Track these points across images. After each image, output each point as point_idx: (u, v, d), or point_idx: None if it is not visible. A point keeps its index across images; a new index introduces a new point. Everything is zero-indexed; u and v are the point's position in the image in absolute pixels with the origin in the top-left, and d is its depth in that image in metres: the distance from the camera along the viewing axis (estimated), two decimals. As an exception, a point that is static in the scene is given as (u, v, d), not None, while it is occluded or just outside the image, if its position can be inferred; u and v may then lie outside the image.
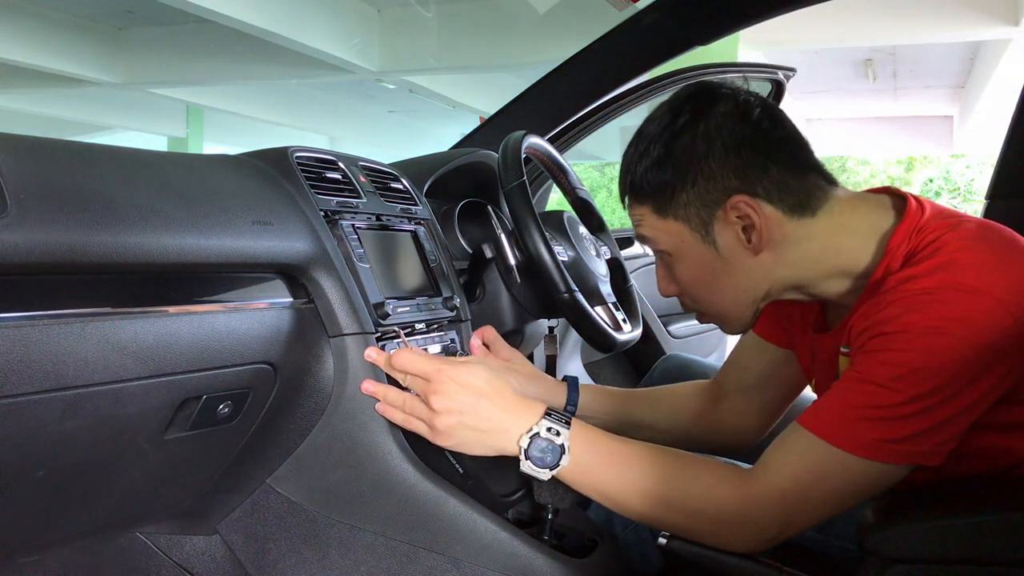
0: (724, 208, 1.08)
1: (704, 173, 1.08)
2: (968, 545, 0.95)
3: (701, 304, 1.18)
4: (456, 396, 1.05)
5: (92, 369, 0.86)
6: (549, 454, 1.04)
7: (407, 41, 10.07)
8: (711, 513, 1.02)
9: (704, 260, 1.12)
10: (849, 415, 0.99)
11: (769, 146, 1.08)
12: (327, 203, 1.21)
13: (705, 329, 2.70)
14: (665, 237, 1.13)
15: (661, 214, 1.12)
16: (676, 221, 1.11)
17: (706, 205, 1.09)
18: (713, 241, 1.10)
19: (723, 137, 1.07)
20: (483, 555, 1.11)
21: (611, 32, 1.94)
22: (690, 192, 1.09)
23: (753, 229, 1.08)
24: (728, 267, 1.11)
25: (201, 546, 1.21)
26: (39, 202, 0.82)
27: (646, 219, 1.14)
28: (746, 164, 1.07)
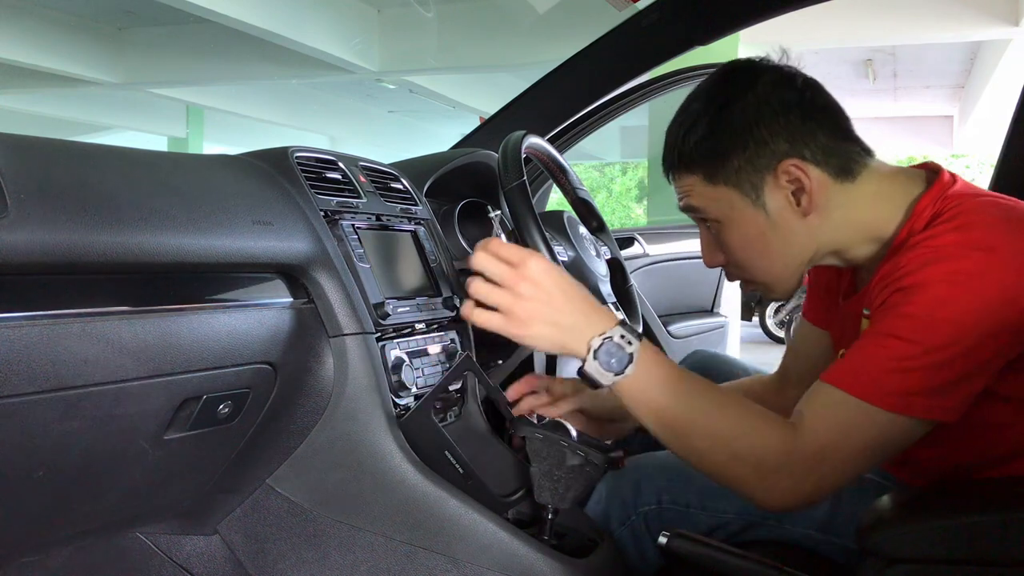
0: (775, 172, 1.10)
1: (755, 138, 1.10)
2: (968, 545, 0.95)
3: (749, 271, 1.18)
4: (543, 282, 1.05)
5: (92, 369, 0.86)
6: (615, 359, 1.04)
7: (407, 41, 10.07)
8: (754, 458, 1.02)
9: (755, 225, 1.13)
10: (874, 370, 1.01)
11: (814, 112, 1.11)
12: (327, 203, 1.21)
13: (705, 329, 2.70)
14: (715, 205, 1.14)
15: (712, 181, 1.13)
16: (727, 187, 1.12)
17: (757, 170, 1.11)
18: (764, 205, 1.12)
19: (772, 104, 1.10)
20: (483, 555, 1.11)
21: (611, 32, 1.94)
22: (741, 157, 1.11)
23: (803, 192, 1.11)
24: (778, 231, 1.13)
25: (201, 546, 1.21)
26: (39, 202, 0.82)
27: (695, 188, 1.15)
28: (795, 129, 1.10)
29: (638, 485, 1.24)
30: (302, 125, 15.41)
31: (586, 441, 1.12)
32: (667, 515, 1.22)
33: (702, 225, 1.20)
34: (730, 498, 1.22)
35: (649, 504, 1.23)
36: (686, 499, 1.22)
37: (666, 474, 1.24)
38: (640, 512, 1.23)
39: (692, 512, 1.22)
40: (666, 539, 1.07)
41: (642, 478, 1.24)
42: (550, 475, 1.11)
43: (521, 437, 1.16)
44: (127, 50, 11.21)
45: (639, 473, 1.25)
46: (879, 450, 1.02)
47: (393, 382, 1.20)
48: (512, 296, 1.06)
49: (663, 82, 2.32)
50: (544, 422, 1.15)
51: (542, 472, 1.11)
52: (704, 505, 1.22)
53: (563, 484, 1.11)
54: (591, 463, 1.10)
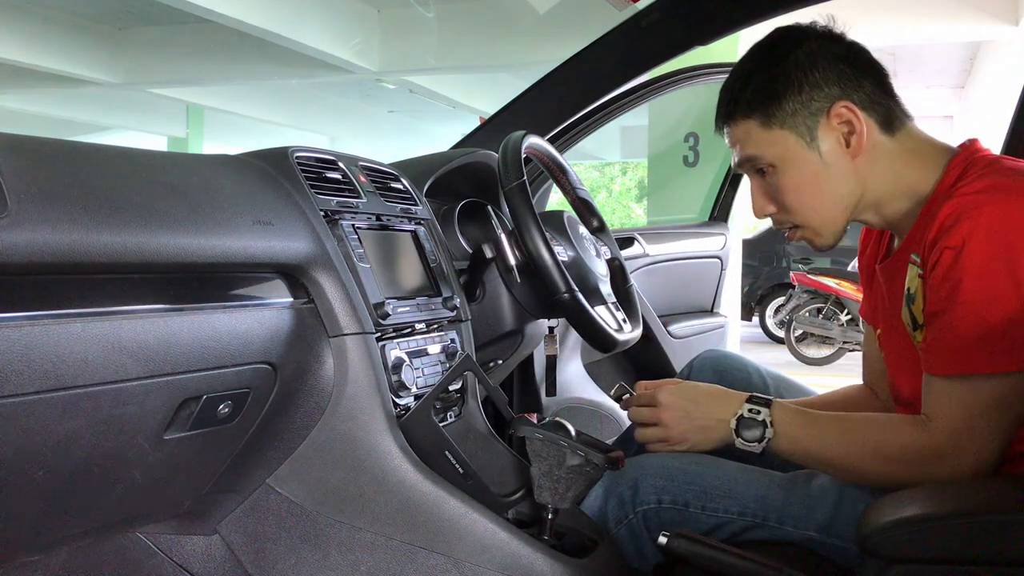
0: (828, 114, 1.19)
1: (809, 81, 1.19)
2: (968, 545, 0.95)
3: (800, 214, 1.24)
4: (675, 405, 1.27)
5: (92, 369, 0.86)
6: (754, 431, 1.21)
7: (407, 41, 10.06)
8: (899, 457, 1.13)
9: (808, 166, 1.21)
10: (963, 341, 1.07)
11: (861, 64, 1.21)
12: (327, 203, 1.21)
13: (705, 329, 2.70)
14: (771, 149, 1.21)
15: (767, 125, 1.21)
16: (782, 130, 1.20)
17: (812, 112, 1.19)
18: (817, 146, 1.20)
19: (823, 53, 1.20)
20: (483, 555, 1.11)
21: (611, 32, 1.94)
22: (796, 100, 1.19)
23: (853, 134, 1.19)
24: (829, 171, 1.20)
25: (201, 546, 1.21)
26: (39, 202, 0.82)
27: (752, 133, 1.22)
28: (845, 76, 1.19)
29: (636, 484, 1.24)
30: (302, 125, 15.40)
31: (586, 441, 1.12)
32: (666, 515, 1.22)
33: (754, 175, 1.26)
34: (730, 499, 1.22)
35: (648, 504, 1.23)
36: (685, 499, 1.23)
37: (665, 474, 1.24)
38: (639, 512, 1.23)
39: (691, 512, 1.22)
40: (666, 539, 1.07)
41: (641, 477, 1.24)
42: (550, 475, 1.11)
43: (521, 437, 1.16)
44: (127, 50, 11.20)
45: (638, 472, 1.25)
46: (1008, 414, 1.08)
47: (393, 382, 1.20)
48: (663, 428, 1.28)
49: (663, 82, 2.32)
50: (544, 422, 1.15)
51: (542, 472, 1.11)
52: (704, 506, 1.22)
53: (563, 484, 1.11)
54: (591, 463, 1.10)
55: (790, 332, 8.50)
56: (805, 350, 8.45)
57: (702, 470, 1.25)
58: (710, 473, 1.25)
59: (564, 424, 1.14)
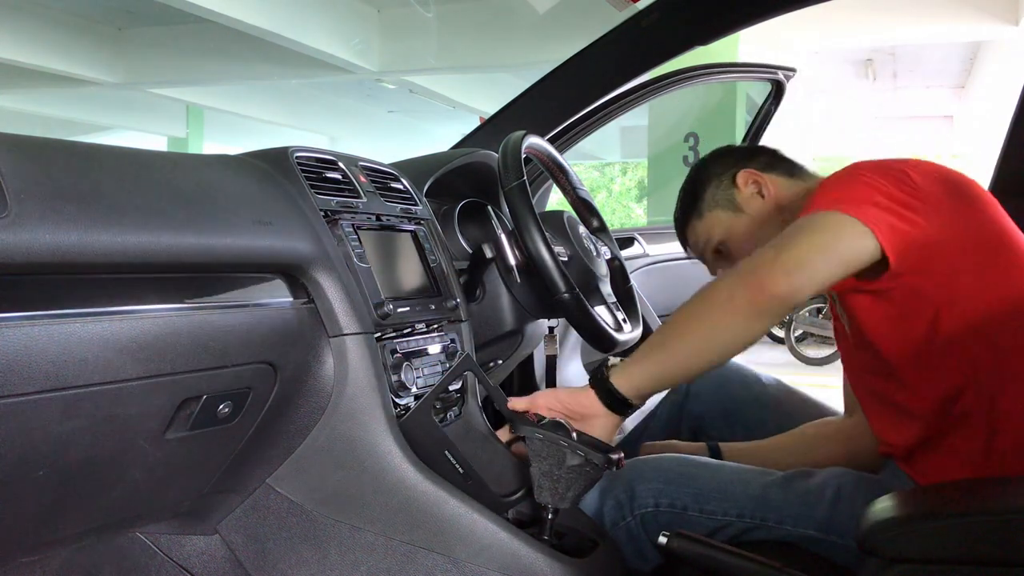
0: (735, 184, 1.48)
1: (714, 174, 1.52)
2: (968, 545, 0.95)
3: None
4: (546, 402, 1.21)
5: (92, 369, 0.86)
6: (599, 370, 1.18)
7: (407, 41, 10.06)
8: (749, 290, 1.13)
9: (744, 225, 1.47)
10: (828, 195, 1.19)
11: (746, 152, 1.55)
12: (327, 203, 1.21)
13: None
14: (715, 230, 1.50)
15: (700, 215, 1.52)
16: (713, 212, 1.50)
17: (724, 189, 1.49)
18: (743, 209, 1.47)
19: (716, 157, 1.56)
20: (483, 555, 1.11)
21: (611, 32, 1.94)
22: (710, 189, 1.51)
23: (763, 185, 1.46)
24: (759, 219, 1.45)
25: (201, 546, 1.21)
26: (39, 202, 0.82)
27: (696, 229, 1.53)
28: (736, 161, 1.51)
29: (632, 487, 1.24)
30: (302, 125, 15.40)
31: (586, 441, 1.12)
32: (663, 518, 1.22)
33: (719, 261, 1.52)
34: (728, 501, 1.22)
35: (646, 507, 1.23)
36: (683, 502, 1.23)
37: (663, 476, 1.25)
38: (636, 515, 1.23)
39: (690, 515, 1.22)
40: (666, 539, 1.07)
41: (637, 480, 1.25)
42: (550, 475, 1.11)
43: (521, 437, 1.16)
44: (127, 50, 11.20)
45: (634, 475, 1.25)
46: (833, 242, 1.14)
47: (393, 382, 1.20)
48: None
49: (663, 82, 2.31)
50: (544, 422, 1.15)
51: (542, 472, 1.12)
52: (702, 508, 1.23)
53: (563, 484, 1.11)
54: (591, 463, 1.10)
55: (790, 332, 8.50)
56: (805, 350, 8.45)
57: (699, 472, 1.25)
58: (707, 475, 1.25)
59: (564, 424, 1.14)
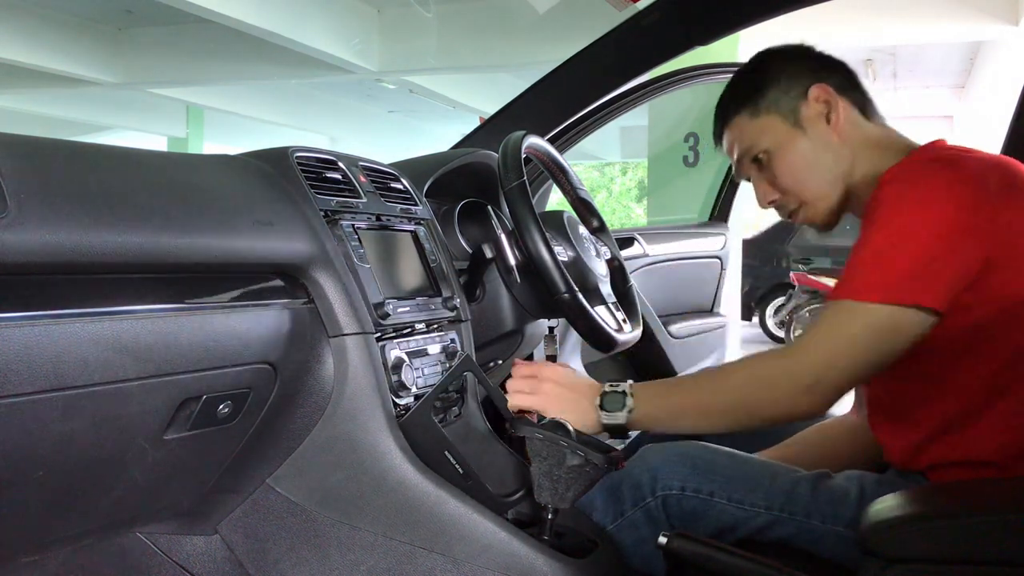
0: (807, 96, 1.31)
1: (786, 74, 1.33)
2: (968, 545, 0.95)
3: (797, 193, 1.32)
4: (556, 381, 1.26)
5: (92, 369, 0.86)
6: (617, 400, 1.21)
7: (407, 41, 10.06)
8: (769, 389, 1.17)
9: (798, 145, 1.31)
10: (854, 272, 1.15)
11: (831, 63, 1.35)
12: (327, 203, 1.21)
13: (705, 329, 2.70)
14: (762, 136, 1.33)
15: (755, 114, 1.33)
16: (769, 116, 1.33)
17: (792, 97, 1.32)
18: (803, 126, 1.31)
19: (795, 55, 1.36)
20: (483, 555, 1.11)
21: (611, 32, 1.94)
22: (777, 89, 1.33)
23: (832, 111, 1.30)
24: (816, 147, 1.31)
25: (201, 546, 1.21)
26: (39, 202, 0.82)
27: (743, 127, 1.34)
28: (816, 68, 1.34)
29: (655, 470, 1.23)
30: (302, 125, 15.39)
31: (586, 441, 1.12)
32: (688, 504, 1.21)
33: (754, 169, 1.35)
34: (757, 492, 1.21)
35: (670, 489, 1.21)
36: (710, 489, 1.21)
37: (689, 462, 1.23)
38: (659, 496, 1.21)
39: (716, 503, 1.21)
40: (666, 539, 1.07)
41: (661, 464, 1.23)
42: (550, 475, 1.11)
43: (521, 437, 1.16)
44: (127, 50, 11.20)
45: (658, 458, 1.23)
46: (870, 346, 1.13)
47: (393, 382, 1.20)
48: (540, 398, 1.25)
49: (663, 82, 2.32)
50: (544, 422, 1.15)
51: (542, 472, 1.12)
52: (729, 497, 1.21)
53: (563, 484, 1.11)
54: (591, 463, 1.10)
55: (790, 332, 8.50)
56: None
57: (727, 462, 1.24)
58: (736, 465, 1.24)
59: (564, 424, 1.14)
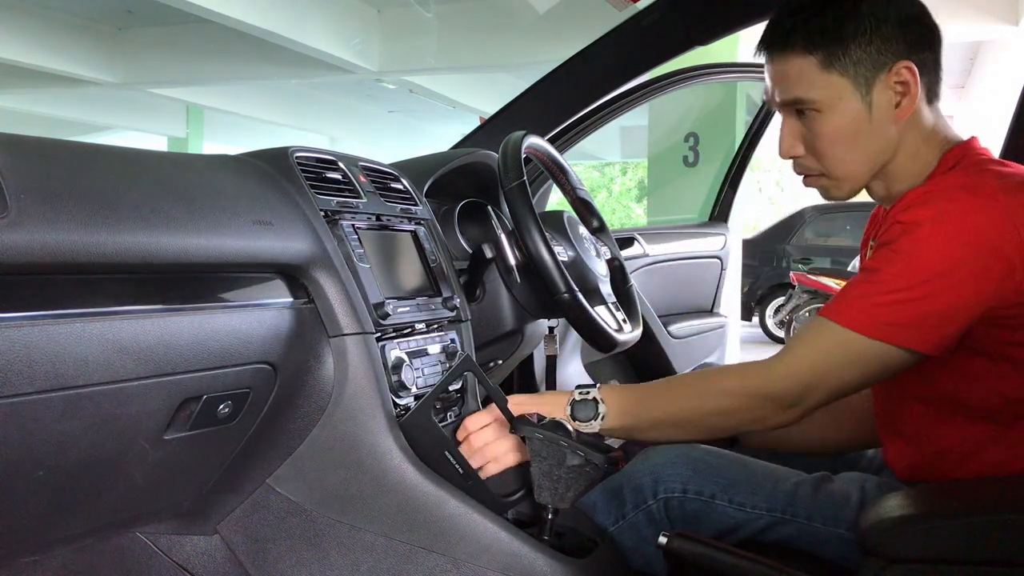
0: (889, 71, 1.16)
1: (881, 34, 1.15)
2: (968, 545, 0.95)
3: (828, 163, 1.21)
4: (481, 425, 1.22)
5: (92, 369, 0.86)
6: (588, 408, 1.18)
7: (407, 41, 10.06)
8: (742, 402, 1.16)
9: (855, 118, 1.17)
10: (858, 301, 1.11)
11: (928, 29, 1.19)
12: (327, 203, 1.21)
13: (705, 329, 2.70)
14: (823, 92, 1.17)
15: (827, 67, 1.16)
16: (841, 76, 1.16)
17: (875, 66, 1.15)
18: (870, 101, 1.17)
19: (896, 11, 1.16)
20: (483, 555, 1.11)
21: (611, 32, 1.94)
22: (864, 49, 1.15)
23: (907, 95, 1.16)
24: (872, 128, 1.18)
25: (201, 546, 1.21)
26: (39, 202, 0.82)
27: (806, 73, 1.17)
28: (914, 37, 1.17)
29: (657, 473, 1.22)
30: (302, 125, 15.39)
31: (586, 441, 1.12)
32: (690, 506, 1.21)
33: (790, 115, 1.21)
34: (758, 494, 1.21)
35: (672, 492, 1.21)
36: (711, 491, 1.21)
37: (690, 464, 1.22)
38: (660, 499, 1.21)
39: (717, 505, 1.20)
40: (666, 539, 1.07)
41: (663, 466, 1.22)
42: (550, 475, 1.11)
43: (521, 437, 1.16)
44: (127, 50, 11.20)
45: (660, 460, 1.23)
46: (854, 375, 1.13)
47: (393, 382, 1.20)
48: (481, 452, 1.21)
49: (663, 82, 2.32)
50: (544, 422, 1.15)
51: (542, 472, 1.11)
52: (731, 499, 1.21)
53: (563, 484, 1.11)
54: (591, 463, 1.10)
55: (790, 332, 8.49)
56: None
57: (728, 464, 1.24)
58: (737, 468, 1.24)
59: (564, 424, 1.14)
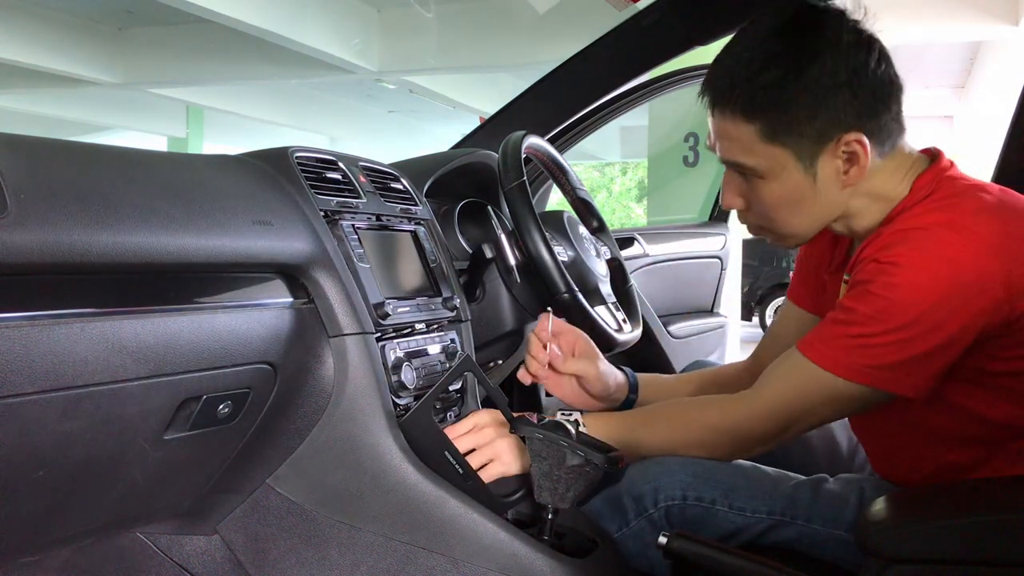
0: (836, 142, 1.10)
1: (828, 106, 1.08)
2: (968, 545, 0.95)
3: (770, 223, 1.20)
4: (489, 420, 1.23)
5: (92, 369, 0.86)
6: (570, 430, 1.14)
7: (407, 41, 10.06)
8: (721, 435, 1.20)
9: (798, 186, 1.14)
10: (838, 342, 1.10)
11: (883, 89, 1.11)
12: (327, 203, 1.21)
13: (705, 329, 2.70)
14: (764, 162, 1.13)
15: (768, 138, 1.11)
16: (783, 149, 1.11)
17: (820, 139, 1.10)
18: (814, 172, 1.12)
19: (851, 69, 1.08)
20: (483, 555, 1.11)
21: (611, 32, 1.94)
22: (808, 124, 1.09)
23: (855, 165, 1.11)
24: (818, 196, 1.14)
25: (201, 546, 1.21)
26: (39, 202, 0.82)
27: (745, 140, 1.12)
28: (865, 104, 1.10)
29: (656, 481, 1.22)
30: (302, 125, 15.40)
31: (586, 441, 1.12)
32: (691, 512, 1.21)
33: (733, 171, 1.18)
34: (757, 498, 1.21)
35: (672, 499, 1.21)
36: (712, 497, 1.21)
37: (690, 471, 1.23)
38: (661, 507, 1.21)
39: (718, 510, 1.21)
40: (666, 539, 1.07)
41: (663, 475, 1.23)
42: (550, 475, 1.11)
43: (521, 437, 1.16)
44: (127, 50, 11.20)
45: (660, 469, 1.24)
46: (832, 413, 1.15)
47: (393, 382, 1.20)
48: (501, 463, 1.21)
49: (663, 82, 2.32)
50: (544, 422, 1.15)
51: (542, 472, 1.11)
52: (731, 504, 1.21)
53: (563, 484, 1.11)
54: (591, 463, 1.10)
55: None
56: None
57: (726, 469, 1.24)
58: (735, 473, 1.24)
59: (564, 424, 1.14)
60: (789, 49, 1.09)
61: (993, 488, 1.11)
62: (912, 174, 1.16)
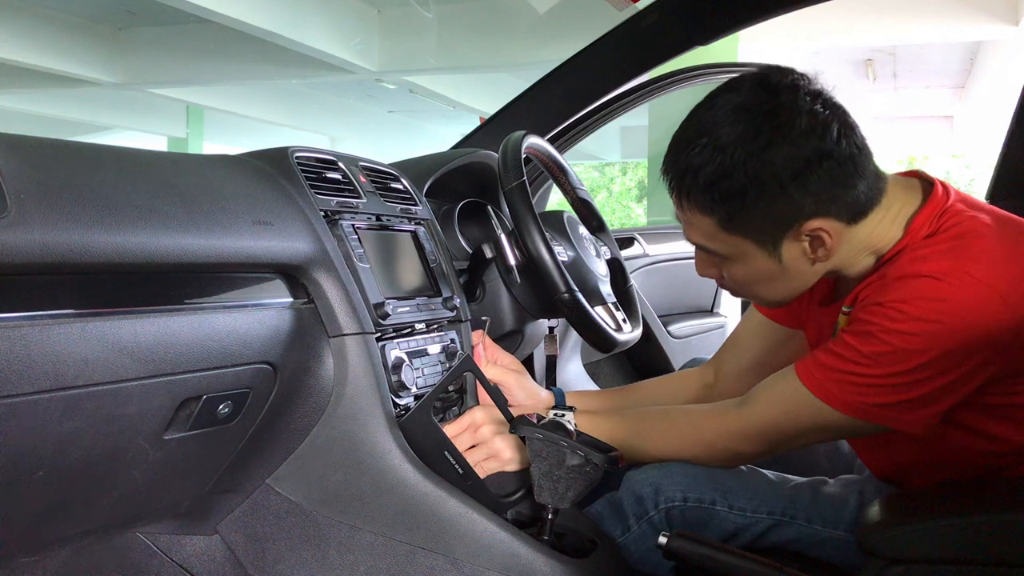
0: (797, 228, 1.08)
1: (785, 195, 1.05)
2: (968, 545, 0.95)
3: (744, 293, 1.23)
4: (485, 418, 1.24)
5: (92, 369, 0.86)
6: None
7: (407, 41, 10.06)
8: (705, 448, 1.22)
9: (764, 268, 1.13)
10: (835, 375, 1.10)
11: (846, 166, 1.06)
12: (327, 203, 1.21)
13: (705, 329, 2.70)
14: (726, 247, 1.12)
15: (727, 229, 1.09)
16: (743, 238, 1.10)
17: (779, 227, 1.08)
18: (779, 256, 1.11)
19: (806, 157, 1.04)
20: (483, 555, 1.11)
21: (611, 32, 1.94)
22: (766, 214, 1.06)
23: (820, 245, 1.09)
24: (786, 274, 1.14)
25: (201, 546, 1.21)
26: (39, 202, 0.82)
27: (707, 228, 1.11)
28: (824, 188, 1.05)
29: (657, 483, 1.23)
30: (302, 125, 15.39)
31: (586, 441, 1.12)
32: (691, 513, 1.21)
33: (700, 252, 1.19)
34: (757, 499, 1.22)
35: (672, 501, 1.22)
36: (711, 498, 1.21)
37: (690, 472, 1.23)
38: (661, 509, 1.22)
39: (718, 511, 1.21)
40: (666, 539, 1.07)
41: (663, 477, 1.23)
42: (550, 475, 1.11)
43: (521, 437, 1.16)
44: (127, 50, 11.19)
45: (660, 472, 1.24)
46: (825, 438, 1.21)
47: (393, 382, 1.20)
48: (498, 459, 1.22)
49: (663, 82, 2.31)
50: (544, 422, 1.15)
51: (542, 472, 1.12)
52: (731, 504, 1.21)
53: (563, 484, 1.11)
54: (591, 463, 1.10)
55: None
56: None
57: (725, 470, 1.25)
58: (734, 474, 1.25)
59: (564, 424, 1.14)
60: (741, 140, 1.04)
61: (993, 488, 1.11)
62: (904, 215, 1.12)
